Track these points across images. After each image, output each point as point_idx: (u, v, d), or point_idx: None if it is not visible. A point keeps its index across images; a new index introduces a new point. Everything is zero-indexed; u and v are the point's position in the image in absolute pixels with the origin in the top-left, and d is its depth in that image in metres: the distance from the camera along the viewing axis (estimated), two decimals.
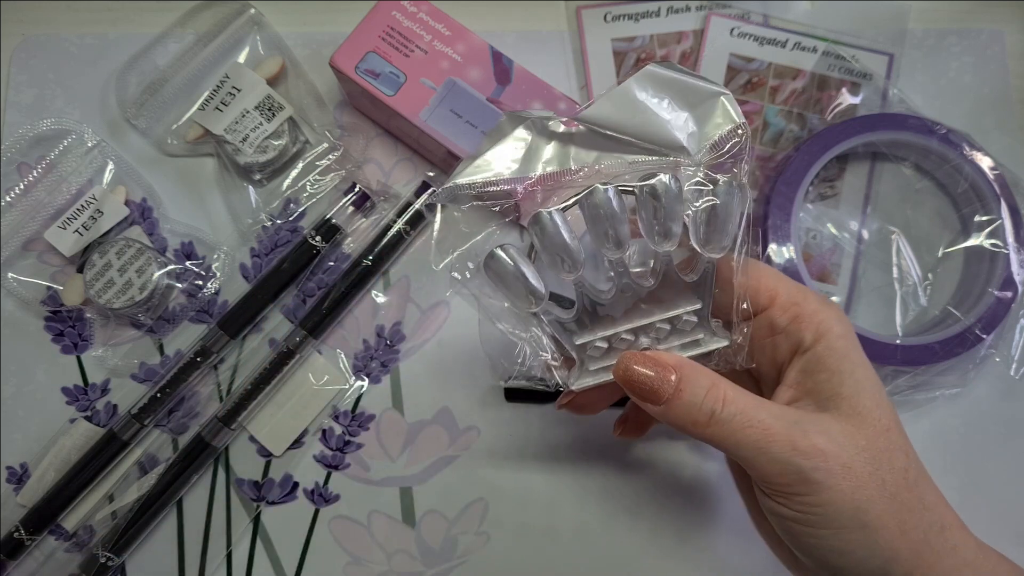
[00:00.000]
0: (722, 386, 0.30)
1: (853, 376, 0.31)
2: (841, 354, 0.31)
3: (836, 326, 0.32)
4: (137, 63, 0.48)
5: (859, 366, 0.31)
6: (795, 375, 0.33)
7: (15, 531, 0.42)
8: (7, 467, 0.44)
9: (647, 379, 0.30)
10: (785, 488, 0.30)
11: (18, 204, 0.45)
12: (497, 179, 0.33)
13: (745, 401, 0.30)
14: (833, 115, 0.48)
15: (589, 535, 0.44)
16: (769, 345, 0.34)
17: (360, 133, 0.48)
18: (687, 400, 0.30)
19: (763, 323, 0.33)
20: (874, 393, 0.31)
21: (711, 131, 0.33)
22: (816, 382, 0.32)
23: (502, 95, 0.43)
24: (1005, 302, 0.44)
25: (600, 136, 0.33)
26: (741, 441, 0.30)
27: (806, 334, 0.32)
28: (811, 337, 0.32)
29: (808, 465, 0.29)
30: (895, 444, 0.31)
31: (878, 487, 0.29)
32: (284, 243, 0.46)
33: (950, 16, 0.51)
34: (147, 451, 0.44)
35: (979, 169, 0.45)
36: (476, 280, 0.34)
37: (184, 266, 0.46)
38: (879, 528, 0.29)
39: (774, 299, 0.33)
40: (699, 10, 0.50)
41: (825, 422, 0.30)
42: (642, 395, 0.31)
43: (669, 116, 0.33)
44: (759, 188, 0.47)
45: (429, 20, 0.44)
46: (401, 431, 0.45)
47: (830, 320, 0.32)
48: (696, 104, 0.33)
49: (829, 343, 0.32)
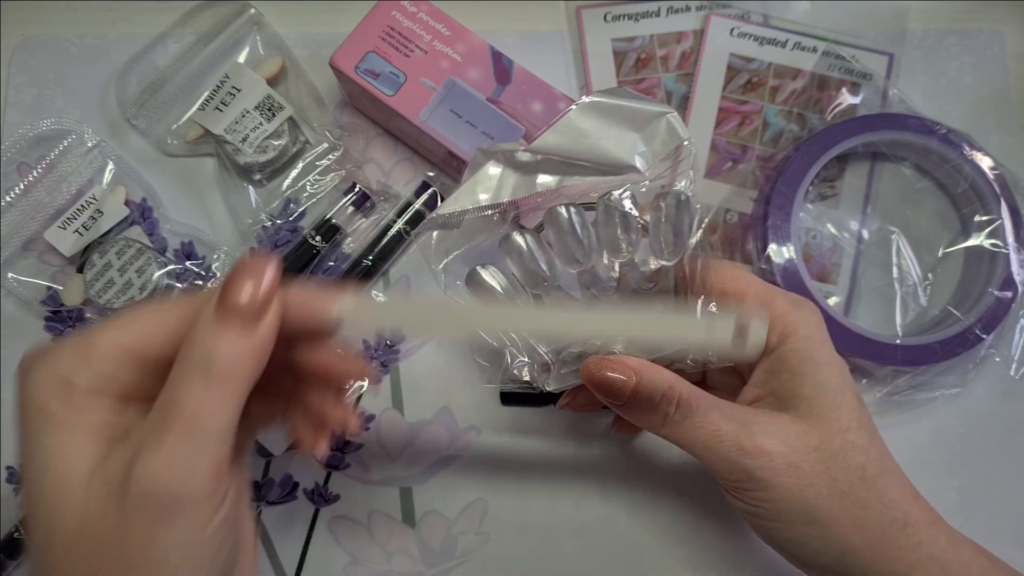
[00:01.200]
0: (678, 388, 0.32)
1: (815, 377, 0.32)
2: (804, 356, 0.32)
3: (802, 327, 0.33)
4: (137, 63, 0.48)
5: (823, 366, 0.32)
6: (760, 375, 0.34)
7: (15, 531, 0.42)
8: (7, 467, 0.44)
9: (610, 380, 0.32)
10: (736, 484, 0.32)
11: (18, 204, 0.45)
12: (472, 208, 0.36)
13: (699, 402, 0.32)
14: (833, 115, 0.48)
15: (589, 535, 0.44)
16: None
17: (360, 133, 0.48)
18: (644, 400, 0.32)
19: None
20: (835, 394, 0.32)
21: (658, 148, 0.35)
22: (779, 383, 0.33)
23: (502, 95, 0.43)
24: (1005, 302, 0.44)
25: (561, 162, 0.36)
26: (693, 441, 0.32)
27: (771, 336, 0.33)
28: (775, 339, 0.33)
29: (752, 464, 0.31)
30: (852, 444, 0.32)
31: (828, 484, 0.31)
32: (284, 243, 0.46)
33: (950, 16, 0.51)
34: None
35: (979, 169, 0.45)
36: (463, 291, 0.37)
37: (184, 266, 0.46)
38: (830, 523, 0.31)
39: (742, 300, 0.34)
40: (699, 10, 0.50)
41: (779, 422, 0.32)
42: (606, 394, 0.32)
43: (616, 139, 0.35)
44: (759, 188, 0.47)
45: (429, 20, 0.44)
46: (401, 431, 0.45)
47: (796, 322, 0.33)
48: (643, 125, 0.35)
49: (793, 345, 0.33)
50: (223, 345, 0.24)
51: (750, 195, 0.48)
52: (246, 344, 0.24)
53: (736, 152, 0.48)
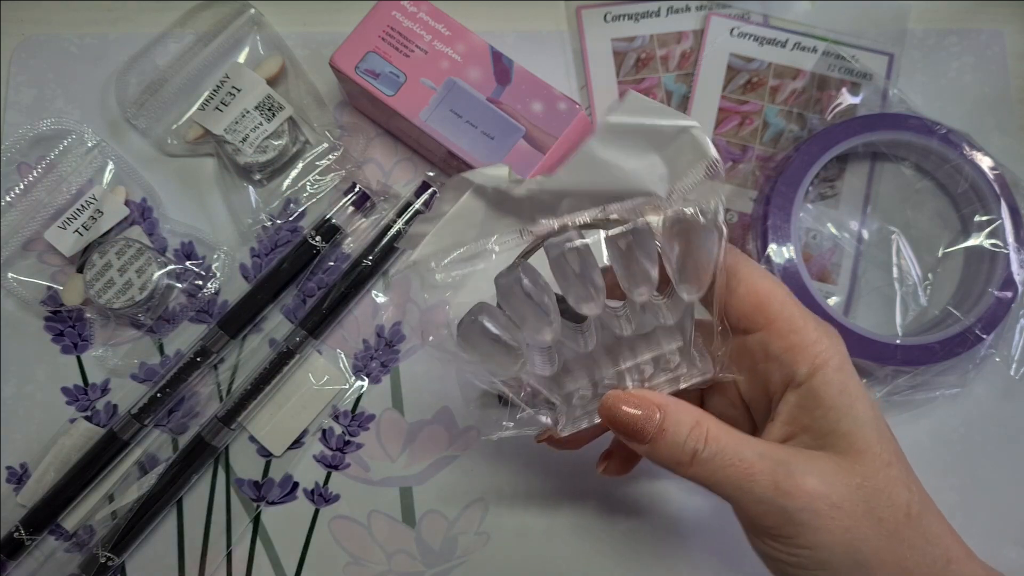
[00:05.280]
0: (705, 424, 0.30)
1: (851, 411, 0.30)
2: (838, 388, 0.30)
3: (834, 358, 0.31)
4: (137, 63, 0.48)
5: (857, 400, 0.30)
6: (789, 410, 0.31)
7: (15, 531, 0.42)
8: (7, 467, 0.44)
9: (633, 418, 0.30)
10: (772, 530, 0.29)
11: (18, 204, 0.45)
12: (458, 250, 0.31)
13: (728, 439, 0.30)
14: (833, 115, 0.48)
15: (589, 535, 0.44)
16: (761, 371, 0.32)
17: (360, 133, 0.48)
18: (670, 439, 0.30)
19: (755, 345, 0.32)
20: (874, 427, 0.30)
21: (682, 169, 0.31)
22: (812, 418, 0.30)
23: (502, 95, 0.43)
24: (1005, 302, 0.44)
25: (559, 192, 0.31)
26: (723, 480, 0.29)
27: (800, 367, 0.30)
28: (806, 370, 0.30)
29: (792, 506, 0.28)
30: (896, 479, 0.29)
31: (873, 525, 0.29)
32: (284, 243, 0.46)
33: (950, 16, 0.51)
34: (147, 451, 0.44)
35: (979, 169, 0.45)
36: (451, 343, 0.32)
37: (184, 266, 0.46)
38: (877, 567, 0.29)
39: (771, 321, 0.31)
40: (699, 10, 0.50)
41: (817, 460, 0.29)
42: (628, 433, 0.30)
43: (636, 164, 0.31)
44: (759, 188, 0.47)
45: (429, 20, 0.44)
46: (401, 431, 0.45)
47: (828, 351, 0.31)
48: (664, 144, 0.31)
49: (826, 377, 0.30)
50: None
51: (750, 195, 0.48)
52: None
53: (736, 152, 0.48)
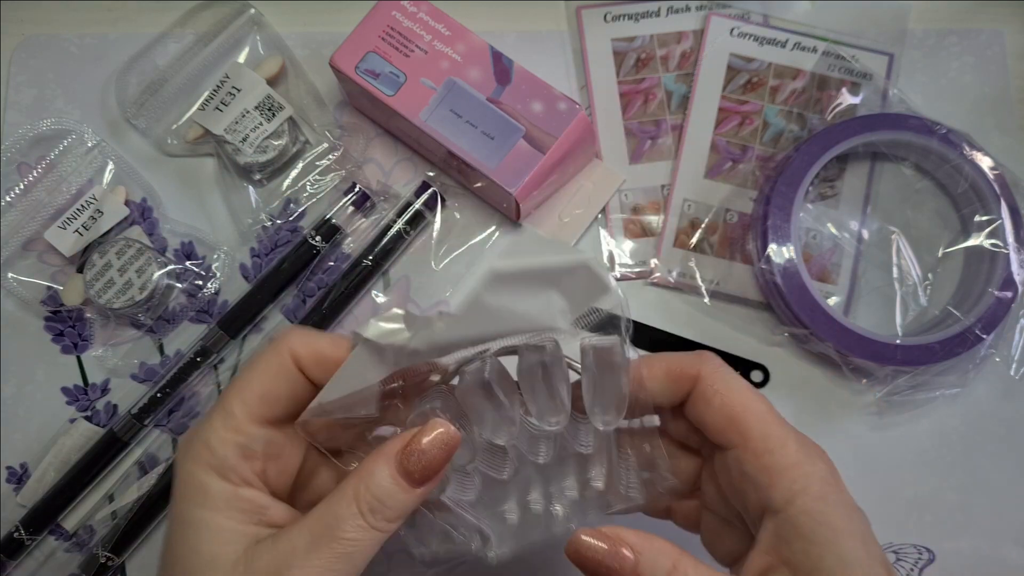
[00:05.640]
0: (683, 566, 0.27)
1: (835, 547, 0.27)
2: (819, 520, 0.27)
3: (814, 484, 0.28)
4: (137, 63, 0.48)
5: (843, 534, 0.27)
6: (768, 539, 0.29)
7: (15, 531, 0.42)
8: (7, 467, 0.44)
9: (599, 554, 0.27)
10: None
11: (18, 204, 0.45)
12: (356, 391, 0.30)
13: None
14: (833, 115, 0.48)
15: None
16: (739, 491, 0.30)
17: (360, 133, 0.48)
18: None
19: (732, 462, 0.30)
20: (861, 563, 0.27)
21: (582, 303, 0.30)
22: (792, 551, 0.28)
23: (502, 95, 0.43)
24: (1005, 302, 0.44)
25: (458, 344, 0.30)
26: None
27: (775, 492, 0.28)
28: (781, 497, 0.28)
29: None
30: None
31: None
32: (284, 243, 0.46)
33: (950, 16, 0.51)
34: (147, 451, 0.44)
35: (979, 169, 0.45)
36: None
37: (184, 266, 0.46)
38: None
39: (746, 439, 0.29)
40: (699, 10, 0.50)
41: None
42: (595, 573, 0.28)
43: (532, 304, 0.29)
44: (759, 188, 0.47)
45: (429, 20, 0.44)
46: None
47: (807, 477, 0.28)
48: (560, 279, 0.30)
49: (804, 506, 0.28)
50: (399, 497, 0.28)
51: (750, 195, 0.48)
52: (413, 497, 0.29)
53: (736, 152, 0.48)
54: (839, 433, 0.45)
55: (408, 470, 0.28)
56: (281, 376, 0.30)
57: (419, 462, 0.28)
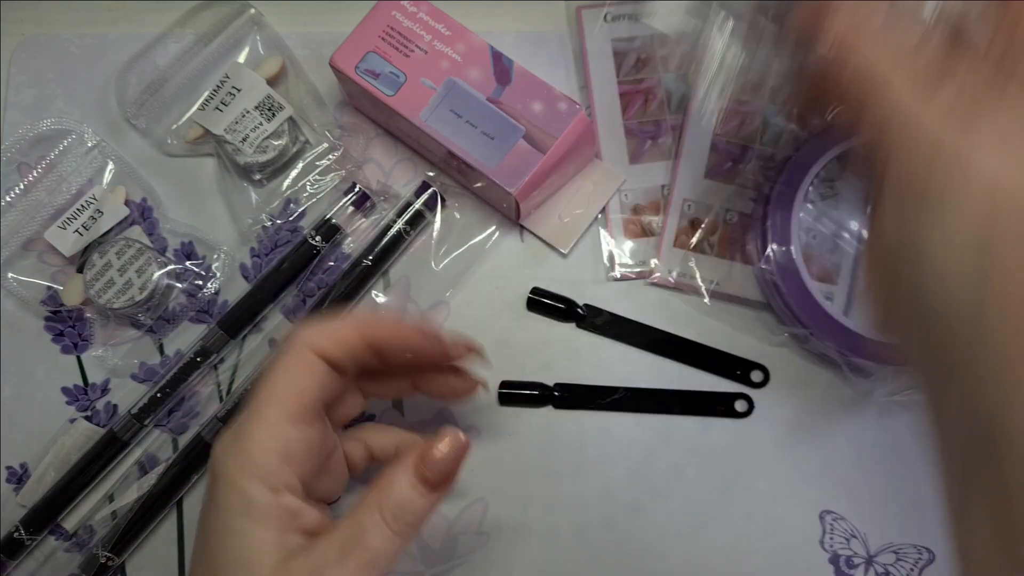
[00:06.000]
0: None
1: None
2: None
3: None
4: (137, 63, 0.48)
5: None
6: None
7: (15, 531, 0.42)
8: (7, 467, 0.44)
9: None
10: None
11: (18, 204, 0.45)
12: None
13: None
14: (833, 115, 0.48)
15: (589, 535, 0.44)
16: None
17: (360, 133, 0.48)
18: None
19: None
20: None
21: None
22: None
23: (502, 95, 0.43)
24: None
25: None
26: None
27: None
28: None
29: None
30: None
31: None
32: (284, 243, 0.46)
33: None
34: (147, 451, 0.44)
35: None
36: None
37: (184, 266, 0.46)
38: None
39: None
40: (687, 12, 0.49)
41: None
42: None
43: None
44: (759, 188, 0.47)
45: (429, 20, 0.44)
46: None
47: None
48: None
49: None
50: (419, 502, 0.31)
51: (750, 195, 0.47)
52: (431, 502, 0.31)
53: (736, 152, 0.48)
54: (839, 433, 0.45)
55: (426, 477, 0.31)
56: (307, 370, 0.32)
57: (436, 469, 0.31)
